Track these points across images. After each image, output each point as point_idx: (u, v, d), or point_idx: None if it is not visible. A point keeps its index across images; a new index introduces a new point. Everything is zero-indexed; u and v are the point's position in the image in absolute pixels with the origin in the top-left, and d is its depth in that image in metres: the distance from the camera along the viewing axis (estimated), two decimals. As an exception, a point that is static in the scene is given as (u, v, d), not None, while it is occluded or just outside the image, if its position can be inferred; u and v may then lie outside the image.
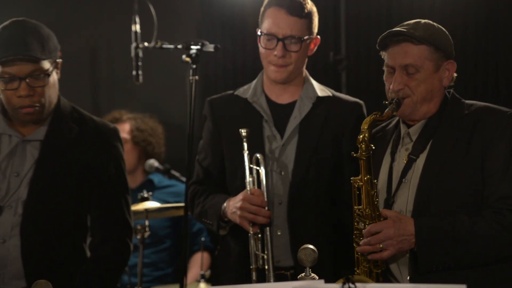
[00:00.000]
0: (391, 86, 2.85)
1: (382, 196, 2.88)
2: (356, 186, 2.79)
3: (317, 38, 3.33)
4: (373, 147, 2.77)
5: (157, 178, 4.86)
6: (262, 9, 3.29)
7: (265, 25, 3.24)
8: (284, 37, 3.20)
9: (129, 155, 4.77)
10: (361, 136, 2.75)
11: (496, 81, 4.66)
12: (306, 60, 3.34)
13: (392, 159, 2.93)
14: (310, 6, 3.27)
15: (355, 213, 2.81)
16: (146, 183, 4.83)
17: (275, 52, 3.21)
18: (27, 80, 2.97)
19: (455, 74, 2.90)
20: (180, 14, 5.25)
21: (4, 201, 3.02)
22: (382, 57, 2.93)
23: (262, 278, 3.10)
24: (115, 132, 3.22)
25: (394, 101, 2.82)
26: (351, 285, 1.83)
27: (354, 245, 2.83)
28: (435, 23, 2.89)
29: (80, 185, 3.09)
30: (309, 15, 3.24)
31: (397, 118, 2.98)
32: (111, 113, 4.91)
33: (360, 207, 2.79)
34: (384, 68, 2.92)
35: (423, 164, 2.82)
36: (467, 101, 2.90)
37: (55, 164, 3.07)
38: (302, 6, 3.22)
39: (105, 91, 5.38)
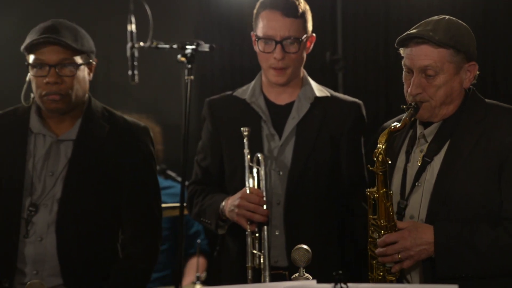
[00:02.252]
0: (409, 90, 2.76)
1: (396, 198, 2.82)
2: (372, 197, 2.73)
3: (313, 35, 3.32)
4: (389, 162, 2.70)
5: (154, 179, 4.84)
6: (255, 11, 3.27)
7: (261, 28, 3.22)
8: (282, 39, 3.18)
9: None
10: (378, 150, 2.65)
11: (494, 80, 4.66)
12: (305, 59, 3.33)
13: (407, 160, 2.86)
14: (304, 5, 3.25)
15: (370, 222, 2.76)
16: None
17: (274, 55, 3.19)
18: (57, 69, 3.04)
19: (477, 72, 2.81)
20: (178, 14, 5.25)
21: (40, 199, 3.08)
22: (402, 54, 2.82)
23: (259, 277, 3.08)
24: (146, 130, 3.27)
25: (412, 106, 2.73)
26: (342, 285, 1.81)
27: (369, 252, 2.78)
28: (457, 20, 2.79)
29: (112, 183, 3.15)
30: (303, 15, 3.23)
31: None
32: None
33: (375, 216, 2.74)
34: (403, 67, 2.83)
35: (438, 168, 2.75)
36: (488, 101, 2.82)
37: (87, 163, 3.13)
38: (296, 6, 3.20)
39: (101, 91, 5.36)
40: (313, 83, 3.37)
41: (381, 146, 2.66)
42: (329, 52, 4.87)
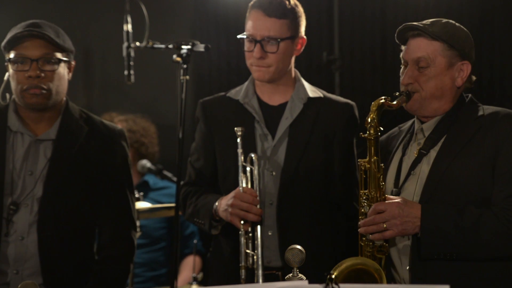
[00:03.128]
0: (401, 79, 2.86)
1: (390, 188, 2.87)
2: (363, 168, 2.78)
3: (303, 38, 3.31)
4: (381, 129, 2.77)
5: (152, 180, 4.85)
6: (247, 13, 3.30)
7: (247, 28, 3.27)
8: (261, 38, 3.21)
9: None
10: (369, 117, 2.74)
11: (491, 80, 4.66)
12: (293, 60, 3.33)
13: (403, 154, 2.93)
14: (293, 5, 3.25)
15: (361, 198, 2.79)
16: (141, 184, 4.82)
17: (254, 54, 3.22)
18: (39, 63, 3.07)
19: (473, 77, 2.90)
20: (174, 14, 5.25)
21: (20, 199, 3.10)
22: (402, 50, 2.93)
23: (252, 278, 3.09)
24: (122, 133, 3.32)
25: (404, 93, 2.82)
26: (334, 285, 1.81)
27: (359, 230, 2.79)
28: (456, 23, 2.88)
29: (91, 183, 3.18)
30: (289, 15, 3.23)
31: (413, 120, 2.98)
32: (101, 116, 4.90)
33: (366, 191, 2.78)
34: (402, 61, 2.92)
35: (433, 158, 2.82)
36: (484, 106, 2.89)
37: (67, 163, 3.15)
38: (281, 6, 3.21)
39: (98, 91, 5.38)
40: (306, 84, 3.37)
41: (373, 113, 2.74)
42: (325, 52, 4.86)
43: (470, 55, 2.87)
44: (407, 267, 2.78)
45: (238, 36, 3.30)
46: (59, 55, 3.12)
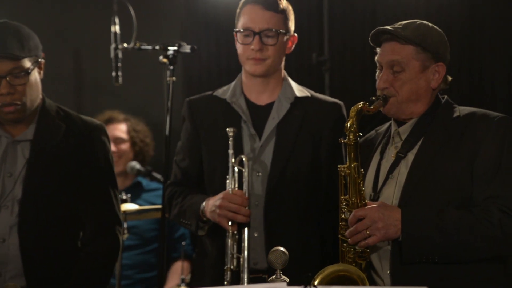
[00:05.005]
0: (376, 84, 2.86)
1: (368, 193, 2.86)
2: (343, 174, 2.77)
3: (294, 36, 3.32)
4: (361, 134, 2.77)
5: (145, 181, 4.84)
6: (238, 10, 3.30)
7: (241, 22, 3.26)
8: (260, 31, 3.21)
9: (126, 155, 4.76)
10: (348, 123, 2.75)
11: (481, 82, 4.65)
12: (284, 58, 3.33)
13: (381, 157, 2.92)
14: (285, 4, 3.28)
15: (341, 203, 2.78)
16: (135, 185, 4.80)
17: (252, 46, 3.21)
18: (7, 78, 3.01)
19: (449, 78, 2.89)
20: (164, 15, 5.24)
21: (0, 201, 3.07)
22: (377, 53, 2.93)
23: (238, 280, 3.07)
24: (102, 128, 3.26)
25: (381, 97, 2.82)
26: (312, 287, 1.80)
27: (339, 236, 2.79)
28: (430, 24, 2.88)
29: (72, 181, 3.14)
30: (284, 12, 3.25)
31: (389, 122, 2.97)
32: (104, 112, 4.89)
33: (346, 197, 2.77)
34: (377, 64, 2.92)
35: (411, 161, 2.81)
36: (460, 107, 2.89)
37: (46, 163, 3.12)
38: (277, 2, 3.24)
39: (88, 93, 5.37)
40: (293, 84, 3.36)
41: (352, 118, 2.74)
42: (315, 53, 4.85)
43: (445, 56, 2.88)
44: (388, 271, 2.77)
45: (235, 30, 3.28)
46: (27, 63, 3.04)
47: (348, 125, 2.74)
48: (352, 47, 4.83)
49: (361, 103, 2.77)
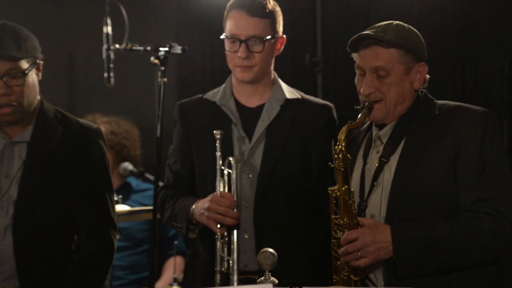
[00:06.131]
0: (361, 90, 2.81)
1: (355, 200, 2.83)
2: (334, 196, 2.75)
3: (283, 37, 3.31)
4: (350, 157, 2.73)
5: (134, 182, 4.84)
6: (225, 13, 3.28)
7: (228, 28, 3.24)
8: (246, 38, 3.19)
9: None
10: (338, 147, 2.70)
11: (475, 81, 4.65)
12: (273, 60, 3.32)
13: (364, 162, 2.89)
14: (273, 5, 3.25)
15: (332, 222, 2.77)
16: (124, 186, 4.80)
17: (239, 54, 3.20)
18: (4, 79, 3.01)
19: (427, 76, 2.87)
20: (157, 16, 5.24)
21: None
22: (354, 59, 2.88)
23: (228, 282, 3.07)
24: (99, 132, 3.27)
25: (366, 106, 2.78)
26: (297, 288, 1.79)
27: (332, 253, 2.79)
28: (406, 25, 2.85)
29: (67, 184, 3.15)
30: (271, 15, 3.22)
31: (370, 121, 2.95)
32: (85, 117, 4.88)
33: (337, 216, 2.75)
34: (356, 70, 2.88)
35: (395, 167, 2.78)
36: (439, 101, 2.86)
37: (42, 164, 3.12)
38: (263, 6, 3.20)
39: (81, 94, 5.36)
40: (283, 85, 3.35)
41: (341, 143, 2.69)
42: (308, 54, 4.86)
43: (424, 55, 2.85)
44: (383, 283, 2.76)
45: (221, 37, 3.28)
46: (24, 64, 3.05)
47: (338, 150, 2.70)
48: (345, 48, 4.78)
49: (348, 124, 2.72)
